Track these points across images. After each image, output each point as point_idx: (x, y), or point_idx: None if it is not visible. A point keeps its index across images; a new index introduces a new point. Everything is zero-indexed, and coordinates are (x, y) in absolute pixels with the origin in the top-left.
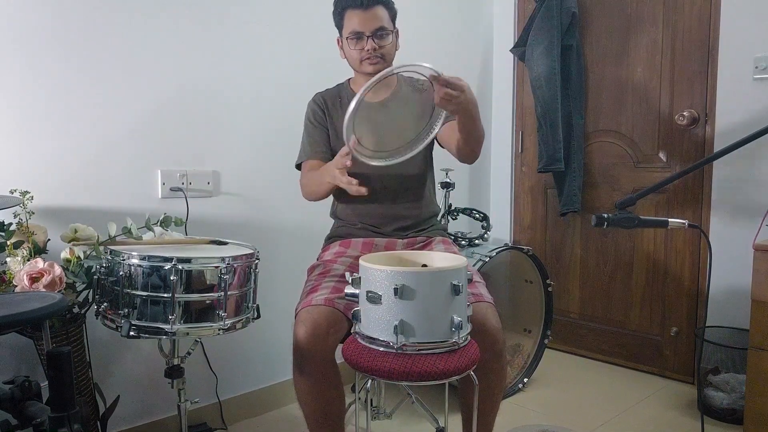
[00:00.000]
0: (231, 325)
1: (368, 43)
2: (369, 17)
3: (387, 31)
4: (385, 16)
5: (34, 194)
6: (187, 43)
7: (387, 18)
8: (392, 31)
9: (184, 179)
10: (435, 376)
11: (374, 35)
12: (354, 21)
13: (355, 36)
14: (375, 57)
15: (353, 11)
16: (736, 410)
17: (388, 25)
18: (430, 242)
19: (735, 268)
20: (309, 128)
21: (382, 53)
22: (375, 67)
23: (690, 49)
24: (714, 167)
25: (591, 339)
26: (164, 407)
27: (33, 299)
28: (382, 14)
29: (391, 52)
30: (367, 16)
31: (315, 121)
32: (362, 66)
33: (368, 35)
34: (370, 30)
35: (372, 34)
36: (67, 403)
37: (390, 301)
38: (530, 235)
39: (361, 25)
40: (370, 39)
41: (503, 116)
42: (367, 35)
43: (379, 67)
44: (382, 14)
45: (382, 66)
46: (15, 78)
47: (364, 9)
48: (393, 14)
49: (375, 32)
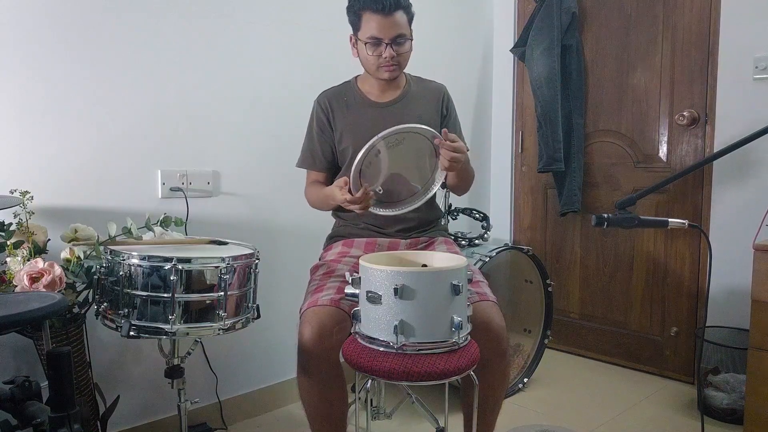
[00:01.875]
0: (231, 325)
1: (387, 51)
2: (389, 24)
3: (406, 38)
4: (404, 21)
5: (34, 194)
6: (188, 42)
7: (405, 23)
8: (410, 39)
9: (184, 179)
10: (435, 376)
11: (393, 42)
12: (373, 25)
13: (374, 41)
14: (392, 65)
15: (373, 15)
16: (736, 410)
17: (407, 31)
18: (432, 242)
19: (735, 268)
20: (311, 135)
21: (399, 60)
22: (391, 74)
23: (690, 49)
24: (714, 167)
25: (591, 339)
26: (164, 407)
27: (33, 299)
28: (402, 20)
29: (408, 58)
30: (388, 22)
31: (318, 127)
32: (378, 72)
33: (387, 42)
34: (390, 37)
35: (391, 41)
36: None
37: (390, 301)
38: (530, 235)
39: (380, 31)
40: (389, 47)
41: (503, 116)
42: (386, 42)
43: (395, 74)
44: (402, 20)
45: (398, 73)
46: (15, 78)
47: (385, 14)
48: (411, 18)
49: (394, 39)
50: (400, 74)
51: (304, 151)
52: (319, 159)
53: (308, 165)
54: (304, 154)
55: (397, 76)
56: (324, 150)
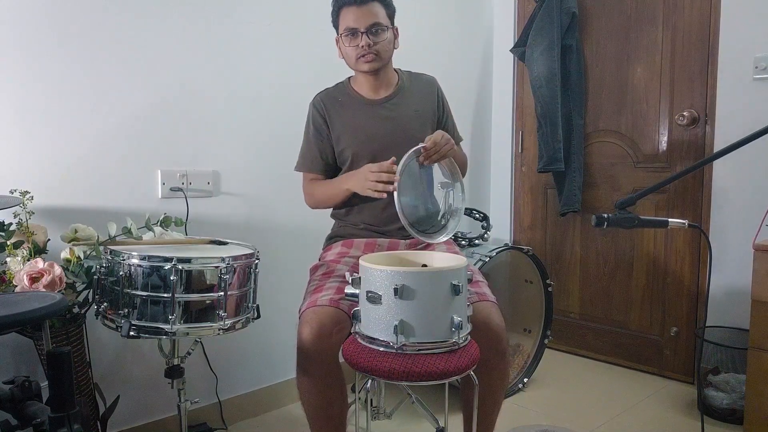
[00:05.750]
0: (231, 325)
1: (362, 39)
2: (363, 13)
3: (382, 27)
4: (381, 12)
5: (34, 194)
6: (187, 42)
7: (383, 14)
8: (389, 28)
9: (184, 179)
10: (435, 376)
11: (369, 31)
12: (348, 18)
13: (350, 32)
14: (370, 54)
15: (348, 8)
16: (736, 410)
17: (384, 21)
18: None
19: (735, 268)
20: (308, 137)
21: (377, 50)
22: (370, 65)
23: (690, 49)
24: (714, 167)
25: (591, 339)
26: (164, 407)
27: (33, 299)
28: (378, 10)
29: (388, 49)
30: (362, 12)
31: (315, 129)
32: (357, 64)
33: (362, 31)
34: (365, 26)
35: (366, 30)
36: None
37: (390, 301)
38: (530, 235)
39: (355, 21)
40: (364, 35)
41: (503, 116)
42: (361, 31)
43: (375, 65)
44: (378, 10)
45: (378, 64)
46: (15, 78)
47: (358, 5)
48: (390, 12)
49: (369, 28)
50: (381, 66)
51: (303, 154)
52: (317, 162)
53: (307, 168)
54: (302, 157)
55: (377, 68)
56: (322, 152)
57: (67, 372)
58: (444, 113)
